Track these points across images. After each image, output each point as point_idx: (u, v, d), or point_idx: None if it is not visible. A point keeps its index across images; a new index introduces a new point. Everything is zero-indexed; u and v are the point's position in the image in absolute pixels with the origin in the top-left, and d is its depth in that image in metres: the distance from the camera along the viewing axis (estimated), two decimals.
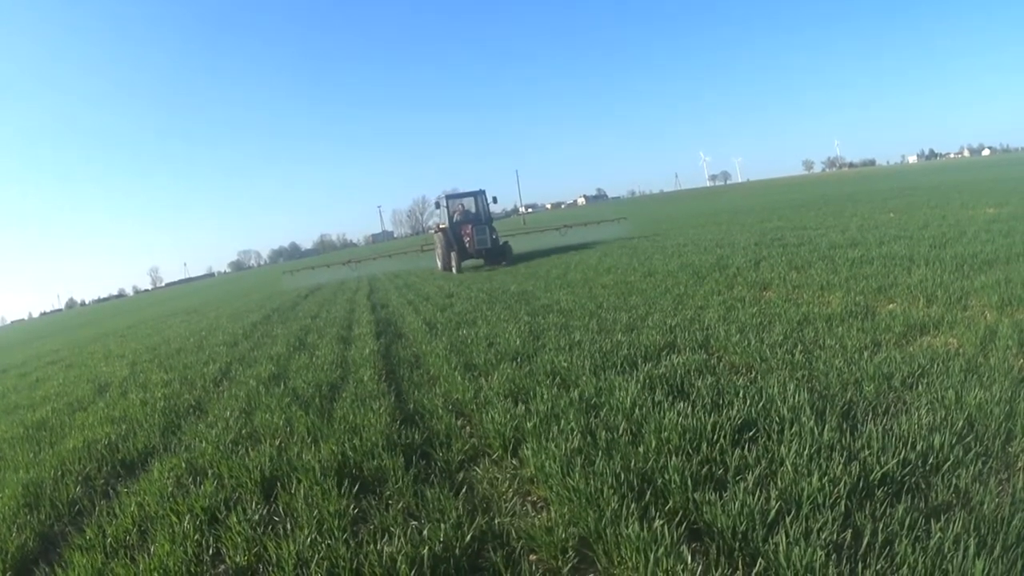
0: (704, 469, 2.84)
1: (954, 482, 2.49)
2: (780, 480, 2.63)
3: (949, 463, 2.61)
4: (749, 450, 2.98)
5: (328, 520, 2.96)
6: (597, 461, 3.05)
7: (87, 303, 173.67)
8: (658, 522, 2.45)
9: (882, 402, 3.37)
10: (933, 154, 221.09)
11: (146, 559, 2.91)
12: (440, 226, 20.36)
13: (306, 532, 2.87)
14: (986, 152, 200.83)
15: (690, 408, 3.53)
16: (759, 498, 2.50)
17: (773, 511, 2.41)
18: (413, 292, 14.43)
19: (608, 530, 2.49)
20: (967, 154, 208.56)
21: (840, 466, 2.64)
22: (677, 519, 2.52)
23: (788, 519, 2.35)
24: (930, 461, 2.66)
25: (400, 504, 3.09)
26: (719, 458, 2.95)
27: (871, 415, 3.23)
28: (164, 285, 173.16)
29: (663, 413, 3.50)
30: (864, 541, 2.20)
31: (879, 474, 2.57)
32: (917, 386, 3.50)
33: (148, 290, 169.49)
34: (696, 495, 2.62)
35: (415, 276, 19.81)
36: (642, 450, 3.10)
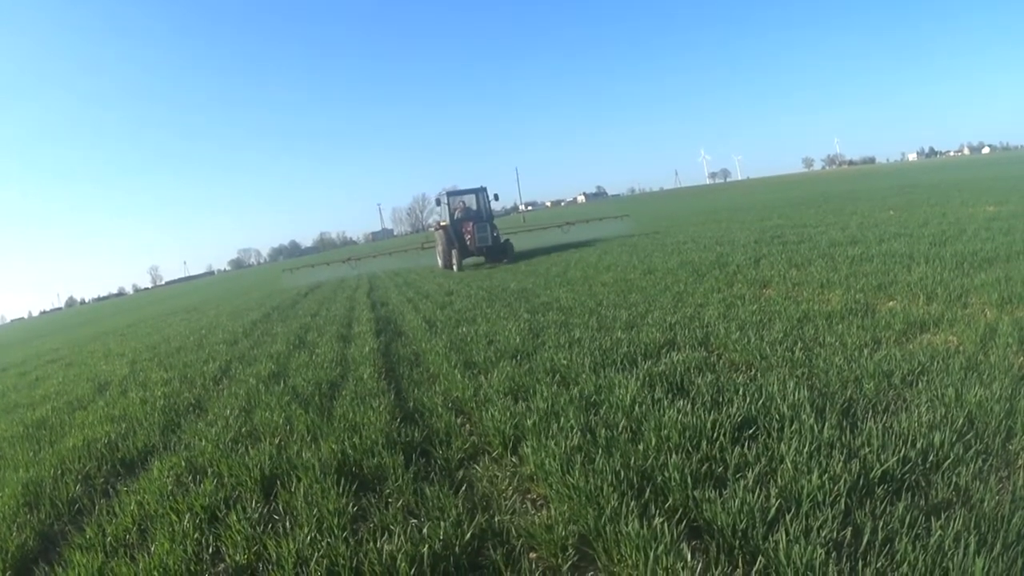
0: (704, 467, 2.84)
1: (954, 480, 2.49)
2: (780, 478, 2.63)
3: (949, 461, 2.61)
4: (749, 448, 2.98)
5: (328, 518, 2.96)
6: (597, 459, 3.04)
7: (87, 302, 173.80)
8: (658, 520, 2.45)
9: (882, 400, 3.37)
10: (933, 152, 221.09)
11: (146, 558, 2.91)
12: (441, 223, 20.12)
13: (306, 530, 2.87)
14: (986, 150, 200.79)
15: (690, 406, 3.53)
16: (759, 496, 2.50)
17: (773, 509, 2.41)
18: (413, 290, 14.43)
19: (608, 528, 2.49)
20: (967, 152, 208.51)
21: (840, 464, 2.64)
22: (677, 517, 2.52)
23: (788, 517, 2.35)
24: (930, 459, 2.65)
25: (400, 502, 3.09)
26: (719, 456, 2.95)
27: (871, 413, 3.22)
28: (164, 283, 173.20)
29: (663, 411, 3.50)
30: (864, 539, 2.20)
31: (879, 472, 2.57)
32: (917, 384, 3.50)
33: (148, 288, 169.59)
34: (696, 493, 2.62)
35: (415, 274, 19.78)
36: (642, 448, 3.10)
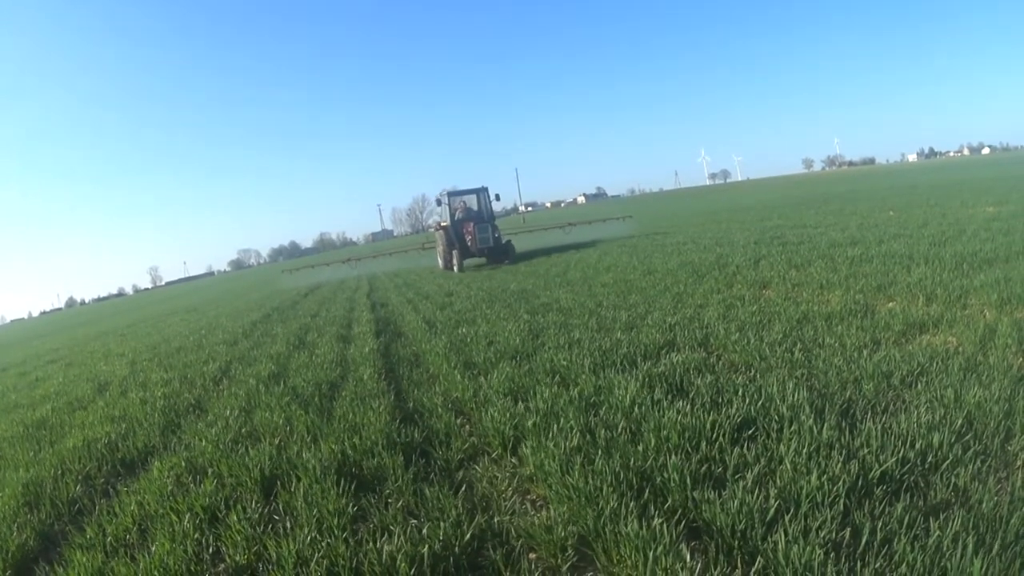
0: (703, 467, 2.85)
1: (953, 480, 2.50)
2: (779, 479, 2.63)
3: (948, 462, 2.62)
4: (748, 448, 2.98)
5: (328, 519, 2.96)
6: (596, 460, 3.05)
7: (87, 302, 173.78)
8: (657, 520, 2.46)
9: (881, 400, 3.38)
10: (933, 152, 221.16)
11: (146, 558, 2.91)
12: (441, 224, 19.89)
13: (306, 531, 2.87)
14: (986, 150, 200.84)
15: (689, 407, 3.54)
16: (758, 496, 2.50)
17: (772, 509, 2.41)
18: (413, 291, 14.43)
19: (607, 528, 2.49)
20: (967, 152, 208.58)
21: (839, 464, 2.64)
22: (676, 517, 2.52)
23: (787, 517, 2.35)
24: (929, 460, 2.66)
25: (400, 503, 3.09)
26: (718, 456, 2.96)
27: (870, 413, 3.23)
28: (164, 284, 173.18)
29: (662, 412, 3.51)
30: (863, 539, 2.20)
31: (878, 472, 2.58)
32: (916, 384, 3.50)
33: (148, 289, 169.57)
34: (695, 493, 2.62)
35: (415, 275, 19.77)
36: (641, 448, 3.11)
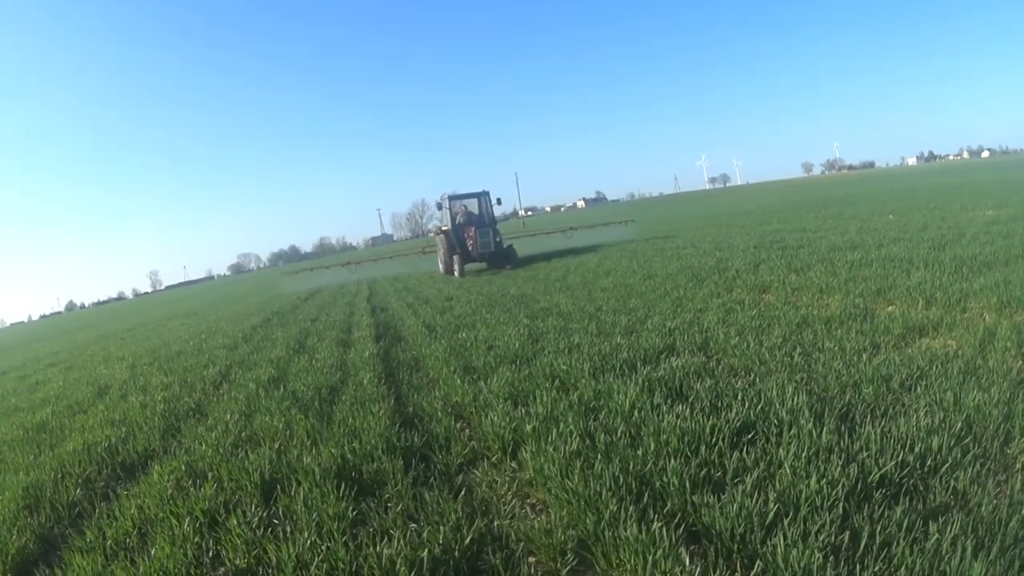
0: (703, 471, 2.85)
1: (952, 484, 2.50)
2: (778, 482, 2.64)
3: (947, 465, 2.62)
4: (748, 452, 2.98)
5: (328, 523, 2.97)
6: (596, 464, 3.05)
7: (87, 305, 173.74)
8: (656, 524, 2.46)
9: (881, 404, 3.38)
10: (932, 156, 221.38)
11: (146, 561, 2.91)
12: (442, 228, 19.65)
13: (306, 535, 2.87)
14: (985, 154, 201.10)
15: (689, 411, 3.54)
16: (757, 500, 2.51)
17: (771, 513, 2.42)
18: (412, 295, 14.44)
19: (607, 532, 2.50)
20: (966, 156, 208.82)
21: (838, 468, 2.65)
22: (675, 521, 2.53)
23: (786, 521, 2.36)
24: (928, 463, 2.66)
25: (399, 507, 3.10)
26: (718, 460, 2.96)
27: (869, 417, 3.23)
28: (164, 288, 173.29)
29: (662, 416, 3.51)
30: (862, 543, 2.21)
31: (877, 476, 2.58)
32: (916, 388, 3.51)
33: (148, 293, 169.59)
34: (695, 497, 2.63)
35: (415, 279, 19.77)
36: (641, 453, 3.11)
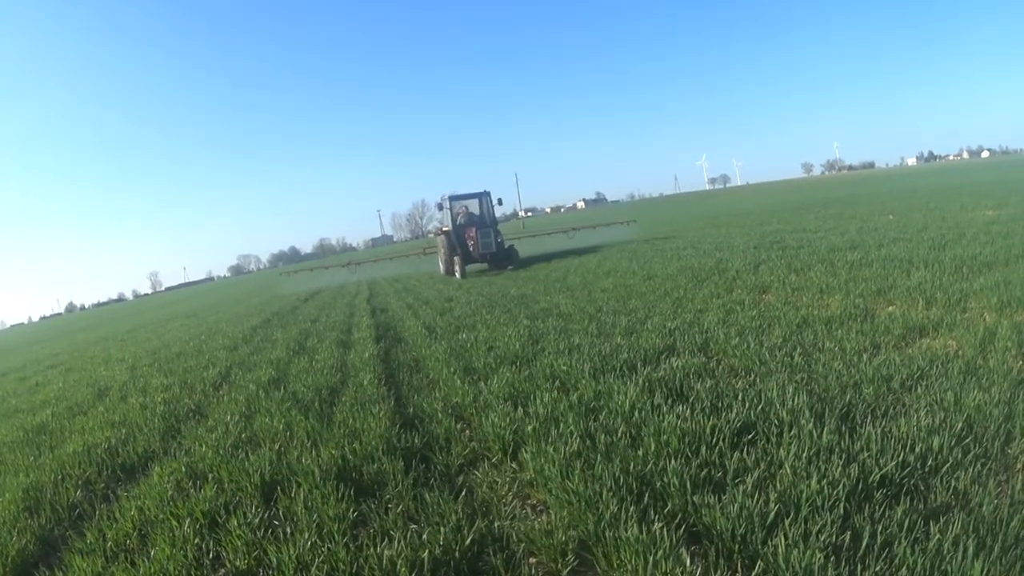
0: (703, 472, 2.85)
1: (953, 484, 2.50)
2: (779, 482, 2.64)
3: (948, 465, 2.62)
4: (748, 453, 2.98)
5: (328, 524, 2.96)
6: (596, 464, 3.05)
7: (87, 307, 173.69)
8: (657, 525, 2.46)
9: (881, 404, 3.38)
10: (932, 156, 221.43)
11: (146, 563, 2.91)
12: (443, 229, 19.49)
13: (306, 536, 2.87)
14: (985, 154, 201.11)
15: (689, 411, 3.54)
16: (758, 500, 2.50)
17: (772, 513, 2.41)
18: (412, 296, 14.44)
19: (607, 533, 2.49)
20: (966, 156, 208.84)
21: (839, 468, 2.64)
22: (676, 522, 2.52)
23: (787, 521, 2.35)
24: (929, 463, 2.66)
25: (400, 508, 3.09)
26: (718, 461, 2.96)
27: (870, 417, 3.23)
28: (164, 289, 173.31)
29: (662, 416, 3.51)
30: (863, 543, 2.20)
31: (878, 476, 2.58)
32: (916, 388, 3.51)
33: (148, 294, 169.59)
34: (695, 498, 2.62)
35: (415, 280, 19.77)
36: (641, 453, 3.11)
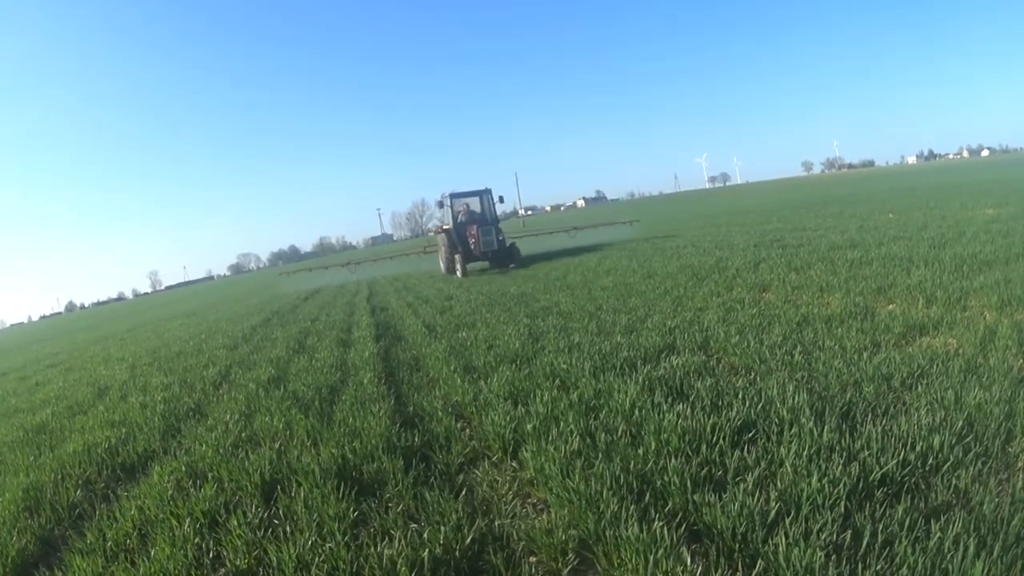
0: (703, 470, 2.85)
1: (954, 482, 2.50)
2: (780, 481, 2.63)
3: (949, 463, 2.62)
4: (748, 451, 2.98)
5: (328, 523, 2.96)
6: (596, 463, 3.05)
7: (86, 306, 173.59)
8: (658, 523, 2.46)
9: (881, 403, 3.38)
10: (932, 155, 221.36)
11: (146, 563, 2.91)
12: (443, 227, 19.36)
13: (306, 535, 2.87)
14: (985, 153, 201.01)
15: (689, 410, 3.54)
16: (759, 499, 2.50)
17: (773, 512, 2.41)
18: (412, 295, 14.44)
19: (608, 532, 2.49)
20: (966, 155, 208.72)
21: (840, 467, 2.64)
22: (676, 520, 2.52)
23: (788, 520, 2.35)
24: (930, 462, 2.66)
25: (400, 507, 3.09)
26: (718, 459, 2.96)
27: (870, 416, 3.23)
28: (163, 288, 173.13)
29: (662, 415, 3.51)
30: (864, 542, 2.20)
31: (879, 475, 2.58)
32: (916, 387, 3.50)
33: (147, 293, 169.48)
34: (696, 496, 2.62)
35: (415, 279, 19.75)
36: (641, 452, 3.11)
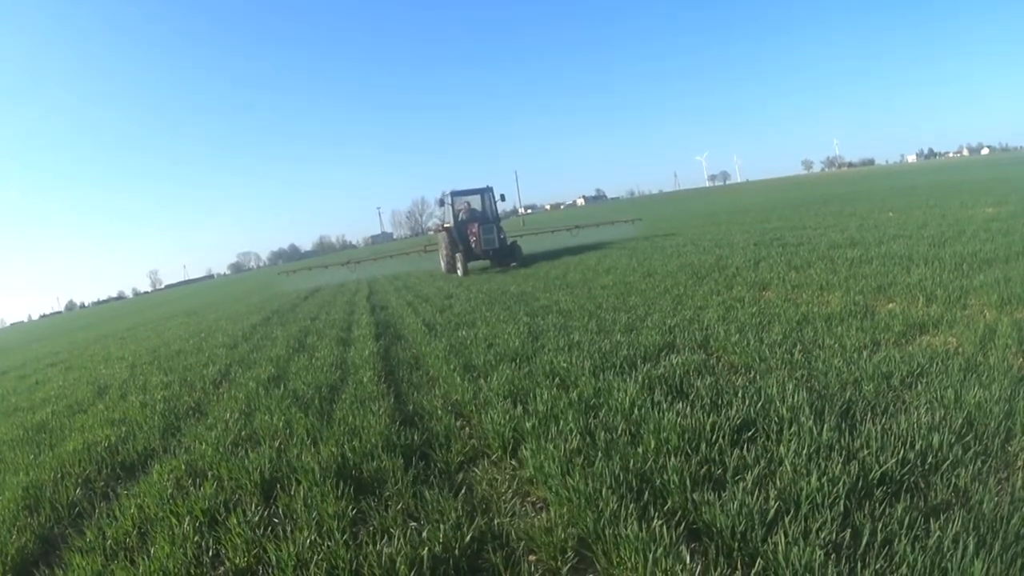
0: (703, 469, 2.85)
1: (953, 481, 2.50)
2: (779, 480, 2.63)
3: (948, 462, 2.62)
4: (748, 450, 2.98)
5: (328, 521, 2.96)
6: (596, 462, 3.05)
7: (87, 305, 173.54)
8: (657, 522, 2.45)
9: (881, 401, 3.38)
10: (932, 153, 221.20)
11: (146, 561, 2.91)
12: (444, 225, 19.26)
13: (306, 533, 2.87)
14: (985, 151, 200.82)
15: (689, 408, 3.54)
16: (758, 498, 2.50)
17: (772, 511, 2.41)
18: (412, 293, 14.44)
19: (607, 530, 2.49)
20: (966, 153, 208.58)
21: (839, 466, 2.64)
22: (676, 519, 2.52)
23: (787, 519, 2.35)
24: (929, 460, 2.66)
25: (399, 505, 3.09)
26: (718, 458, 2.96)
27: (870, 415, 3.23)
28: (163, 287, 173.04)
29: (662, 413, 3.51)
30: (863, 540, 2.20)
31: (878, 473, 2.58)
32: (916, 385, 3.50)
33: (147, 292, 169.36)
34: (695, 495, 2.62)
35: (414, 278, 19.75)
36: (641, 450, 3.11)
